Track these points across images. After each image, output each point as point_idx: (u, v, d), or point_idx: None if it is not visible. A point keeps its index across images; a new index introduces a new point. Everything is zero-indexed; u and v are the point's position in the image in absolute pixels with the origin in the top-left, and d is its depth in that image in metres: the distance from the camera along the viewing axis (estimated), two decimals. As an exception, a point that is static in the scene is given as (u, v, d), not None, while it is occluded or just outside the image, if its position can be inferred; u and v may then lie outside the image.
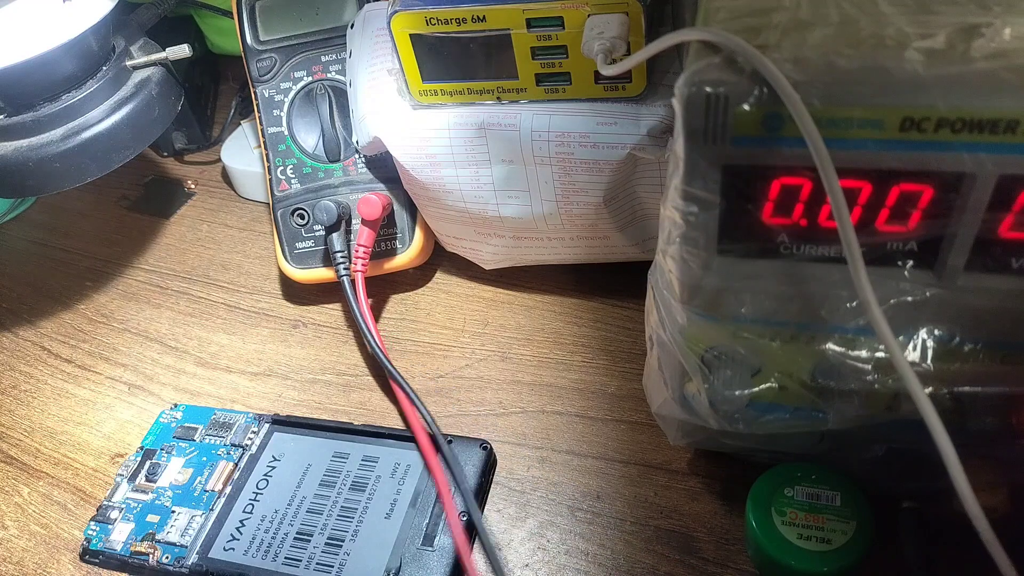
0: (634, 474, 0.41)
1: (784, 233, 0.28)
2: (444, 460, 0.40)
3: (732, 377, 0.32)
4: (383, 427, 0.43)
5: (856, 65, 0.25)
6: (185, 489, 0.41)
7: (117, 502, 0.41)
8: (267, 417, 0.44)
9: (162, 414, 0.45)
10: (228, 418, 0.44)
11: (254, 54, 0.51)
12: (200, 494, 0.41)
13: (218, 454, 0.43)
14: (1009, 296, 0.28)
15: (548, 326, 0.49)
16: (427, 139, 0.44)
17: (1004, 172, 0.25)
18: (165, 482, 0.42)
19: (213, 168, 0.65)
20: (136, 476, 0.42)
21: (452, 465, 0.40)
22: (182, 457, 0.43)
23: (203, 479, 0.41)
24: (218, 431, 0.44)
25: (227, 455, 0.42)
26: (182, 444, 0.43)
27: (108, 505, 0.41)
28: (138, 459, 0.43)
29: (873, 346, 0.29)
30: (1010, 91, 0.23)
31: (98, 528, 0.40)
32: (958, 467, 0.25)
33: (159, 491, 0.41)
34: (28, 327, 0.54)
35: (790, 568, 0.34)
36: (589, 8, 0.38)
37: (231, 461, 0.42)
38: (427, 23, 0.41)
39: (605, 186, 0.42)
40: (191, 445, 0.43)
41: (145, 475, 0.42)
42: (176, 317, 0.54)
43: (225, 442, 0.43)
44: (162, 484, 0.41)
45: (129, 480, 0.42)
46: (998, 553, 0.25)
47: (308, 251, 0.51)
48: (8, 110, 0.49)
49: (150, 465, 0.42)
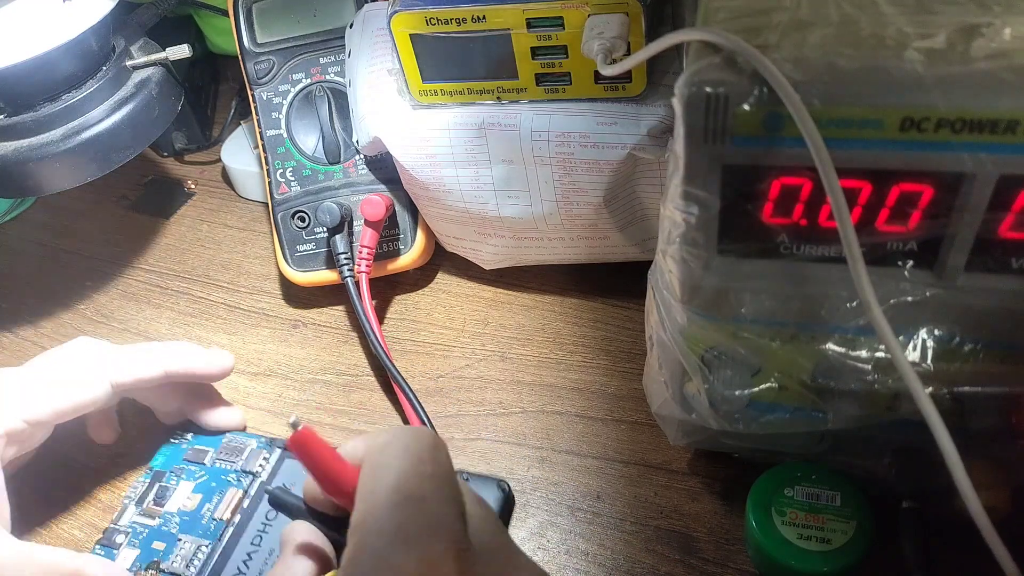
0: (634, 474, 0.41)
1: (784, 233, 0.28)
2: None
3: (732, 377, 0.32)
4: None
5: (856, 65, 0.25)
6: (193, 516, 0.40)
7: (123, 526, 0.40)
8: (279, 442, 0.42)
9: (173, 434, 0.44)
10: (239, 442, 0.43)
11: (251, 56, 0.51)
12: (208, 522, 0.39)
13: (228, 480, 0.41)
14: (1009, 296, 0.28)
15: (548, 326, 0.49)
16: (427, 139, 0.44)
17: (1004, 172, 0.25)
18: (173, 507, 0.40)
19: (213, 168, 0.65)
20: (144, 499, 0.41)
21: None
22: (191, 481, 0.41)
23: (212, 506, 0.40)
24: (229, 455, 0.42)
25: (237, 481, 0.41)
26: (192, 467, 0.42)
27: (114, 528, 0.40)
28: (147, 481, 0.42)
29: (873, 346, 0.29)
30: (1010, 91, 0.23)
31: (103, 553, 0.39)
32: (959, 467, 0.25)
33: (166, 516, 0.40)
34: (28, 327, 0.54)
35: (790, 568, 0.34)
36: (589, 8, 0.38)
37: (240, 488, 0.40)
38: (427, 23, 0.41)
39: (605, 186, 0.42)
40: (201, 469, 0.42)
41: (153, 499, 0.41)
42: (176, 317, 0.54)
43: (236, 467, 0.41)
44: (170, 509, 0.40)
45: (137, 503, 0.41)
46: (1001, 552, 0.25)
47: (309, 254, 0.51)
48: (8, 110, 0.49)
49: (159, 488, 0.41)
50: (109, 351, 0.41)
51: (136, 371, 0.40)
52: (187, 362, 0.41)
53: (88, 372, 0.39)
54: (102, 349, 0.41)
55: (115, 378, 0.39)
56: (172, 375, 0.41)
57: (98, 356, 0.40)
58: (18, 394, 0.38)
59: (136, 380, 0.40)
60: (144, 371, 0.40)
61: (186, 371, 0.41)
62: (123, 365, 0.40)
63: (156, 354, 0.41)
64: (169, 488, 0.41)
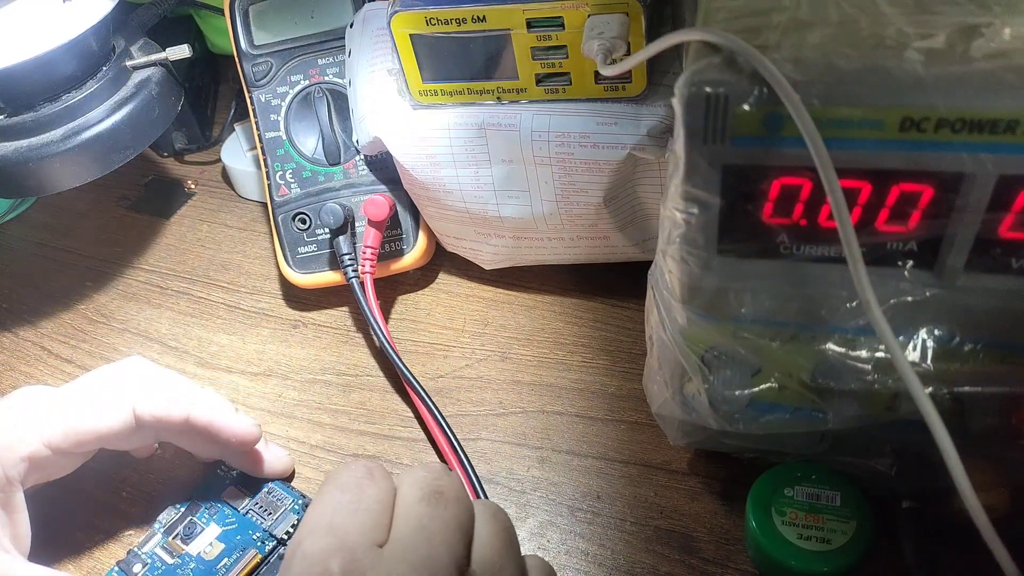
0: (634, 474, 0.41)
1: (784, 233, 0.28)
2: (462, 461, 0.40)
3: (732, 377, 0.32)
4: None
5: (856, 65, 0.25)
6: (208, 569, 0.38)
7: (145, 554, 0.39)
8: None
9: (220, 466, 0.43)
10: (278, 497, 0.41)
11: (249, 58, 0.51)
12: None
13: (253, 539, 0.39)
14: (1009, 296, 0.28)
15: (548, 326, 0.49)
16: (427, 139, 0.44)
17: (1004, 172, 0.25)
18: (195, 550, 0.39)
19: (213, 168, 0.65)
20: (173, 530, 0.40)
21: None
22: (221, 526, 0.40)
23: (229, 563, 0.38)
24: (263, 509, 0.40)
25: (260, 544, 0.39)
26: (226, 510, 0.41)
27: (136, 554, 0.39)
28: (182, 510, 0.41)
29: (873, 346, 0.29)
30: (1010, 91, 0.23)
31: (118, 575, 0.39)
32: (959, 467, 0.25)
33: (185, 559, 0.39)
34: (28, 327, 0.54)
35: (790, 568, 0.34)
36: (589, 8, 0.38)
37: (261, 553, 0.39)
38: (427, 23, 0.41)
39: (605, 186, 0.42)
40: (234, 515, 0.40)
41: (182, 533, 0.40)
42: (176, 317, 0.54)
43: (264, 526, 0.40)
44: (191, 551, 0.39)
45: (165, 532, 0.40)
46: (1000, 552, 0.25)
47: (311, 255, 0.51)
48: (8, 110, 0.49)
49: (189, 522, 0.40)
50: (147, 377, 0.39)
51: (158, 409, 0.38)
52: (211, 416, 0.39)
53: (112, 401, 0.38)
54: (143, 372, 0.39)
55: (139, 411, 0.38)
56: (192, 425, 0.39)
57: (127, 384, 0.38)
58: (44, 416, 0.36)
59: (155, 418, 0.38)
60: (165, 410, 0.38)
61: (207, 426, 0.39)
62: (150, 402, 0.38)
63: (185, 397, 0.39)
64: (198, 526, 0.40)
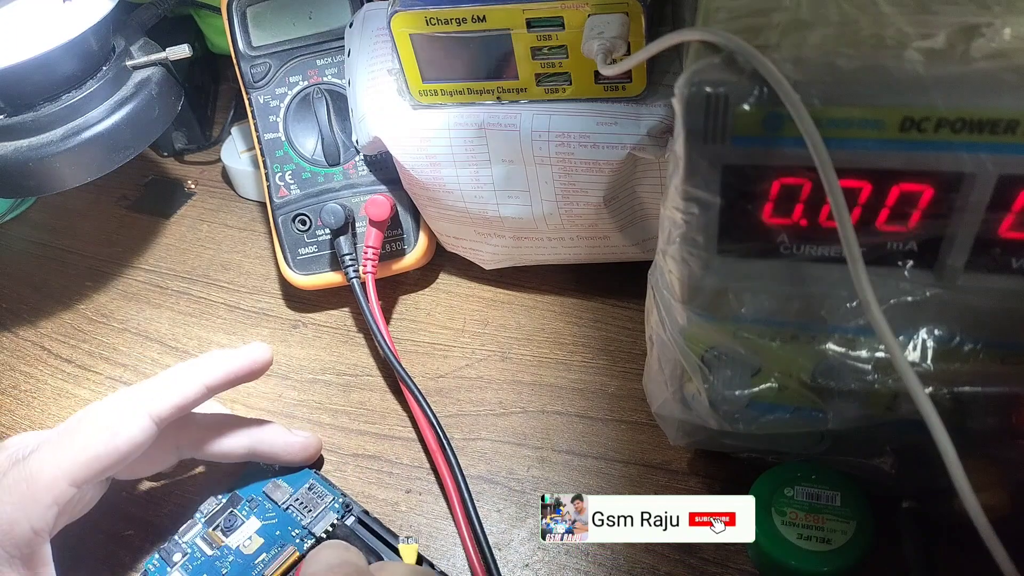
0: (634, 474, 0.41)
1: (784, 233, 0.28)
2: (450, 461, 0.40)
3: (732, 377, 0.32)
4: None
5: (856, 65, 0.25)
6: (246, 564, 0.38)
7: (186, 543, 0.39)
8: (357, 509, 0.40)
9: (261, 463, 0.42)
10: (319, 493, 0.40)
11: (247, 60, 0.51)
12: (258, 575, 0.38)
13: (292, 535, 0.39)
14: (1009, 296, 0.28)
15: (548, 326, 0.49)
16: (427, 139, 0.44)
17: (1004, 172, 0.25)
18: (234, 543, 0.39)
19: (213, 168, 0.65)
20: (214, 521, 0.40)
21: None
22: (260, 520, 0.39)
23: (267, 558, 0.38)
24: (304, 505, 0.40)
25: (299, 541, 0.39)
26: (267, 504, 0.40)
27: (176, 542, 0.39)
28: (224, 500, 0.41)
29: (873, 346, 0.29)
30: (1010, 91, 0.23)
31: (159, 565, 0.39)
32: (958, 467, 0.25)
33: (224, 550, 0.39)
34: (28, 327, 0.54)
35: (790, 568, 0.34)
36: (589, 8, 0.38)
37: (299, 551, 0.38)
38: (427, 23, 0.41)
39: (605, 186, 0.42)
40: (275, 509, 0.40)
41: (223, 524, 0.40)
42: (176, 317, 0.54)
43: (304, 523, 0.39)
44: (231, 544, 0.39)
45: (206, 523, 0.40)
46: (1000, 552, 0.25)
47: (312, 257, 0.50)
48: (8, 110, 0.49)
49: (230, 514, 0.40)
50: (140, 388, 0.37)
51: (173, 397, 0.36)
52: (223, 367, 0.38)
53: (122, 413, 0.35)
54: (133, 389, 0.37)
55: (153, 411, 0.35)
56: (213, 386, 0.37)
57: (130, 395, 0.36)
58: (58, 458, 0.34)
59: (175, 407, 0.36)
60: (181, 393, 0.36)
61: (225, 376, 0.37)
62: (158, 395, 0.36)
63: (187, 372, 0.37)
64: (238, 519, 0.40)
